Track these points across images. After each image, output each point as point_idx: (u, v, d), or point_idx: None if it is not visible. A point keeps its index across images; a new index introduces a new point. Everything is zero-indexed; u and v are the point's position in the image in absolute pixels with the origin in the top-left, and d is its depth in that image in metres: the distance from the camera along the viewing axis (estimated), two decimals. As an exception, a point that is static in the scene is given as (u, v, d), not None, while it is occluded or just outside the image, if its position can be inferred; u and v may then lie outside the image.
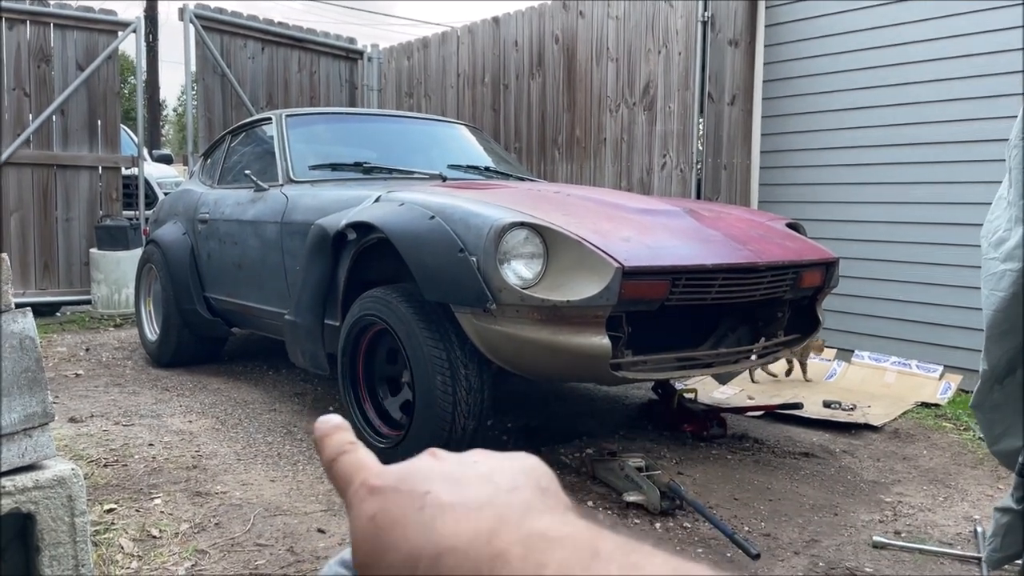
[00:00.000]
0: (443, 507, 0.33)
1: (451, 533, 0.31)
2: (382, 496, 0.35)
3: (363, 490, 0.37)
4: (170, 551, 2.26)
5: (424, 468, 0.36)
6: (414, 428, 2.81)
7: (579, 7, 6.02)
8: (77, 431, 3.37)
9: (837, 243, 4.18)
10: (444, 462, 0.36)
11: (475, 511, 0.32)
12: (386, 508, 0.34)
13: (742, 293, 2.87)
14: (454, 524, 0.32)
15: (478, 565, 0.30)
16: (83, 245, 6.48)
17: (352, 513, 0.36)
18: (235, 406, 3.83)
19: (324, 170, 4.01)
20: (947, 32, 4.27)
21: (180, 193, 5.08)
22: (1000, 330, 1.61)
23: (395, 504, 0.34)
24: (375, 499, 0.35)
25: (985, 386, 1.74)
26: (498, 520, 0.31)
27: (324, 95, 7.71)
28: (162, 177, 8.46)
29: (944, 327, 4.31)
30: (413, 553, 0.32)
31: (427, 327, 2.77)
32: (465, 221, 2.66)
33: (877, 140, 4.59)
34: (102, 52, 6.44)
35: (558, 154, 6.22)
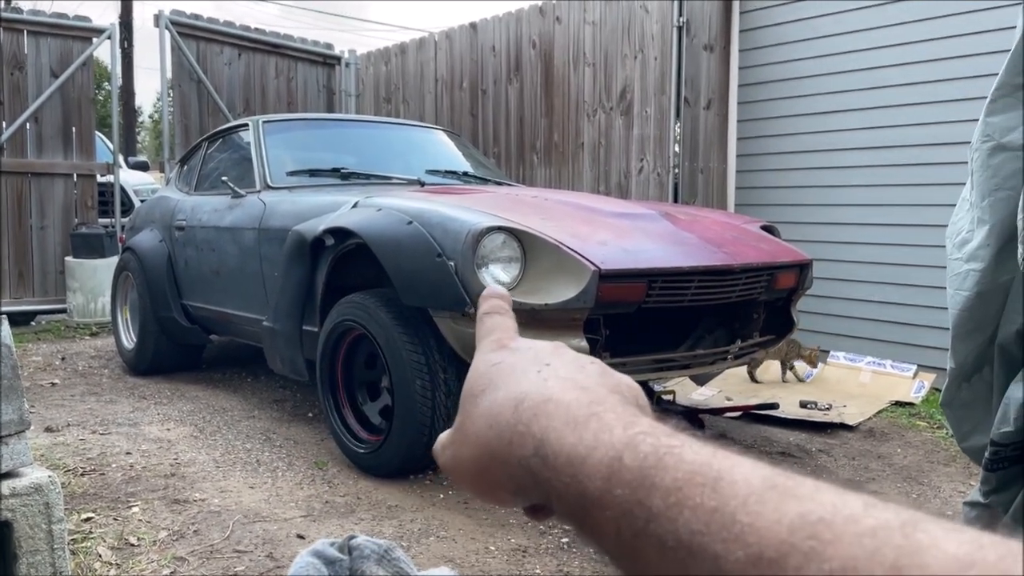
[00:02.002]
0: (556, 377, 0.38)
1: (560, 390, 0.37)
2: (509, 352, 0.42)
3: (496, 344, 0.43)
4: (148, 559, 2.25)
5: (548, 349, 0.42)
6: (394, 432, 2.81)
7: (556, 12, 6.05)
8: (54, 440, 3.34)
9: (812, 245, 4.24)
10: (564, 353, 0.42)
11: (582, 389, 0.37)
12: (510, 361, 0.41)
13: (718, 295, 2.90)
14: (562, 389, 0.37)
15: (576, 415, 0.35)
16: (58, 253, 6.41)
17: (478, 356, 0.43)
18: (213, 413, 3.81)
19: (302, 176, 4.00)
20: (918, 37, 4.35)
21: (156, 200, 5.05)
22: (966, 329, 1.65)
23: (518, 360, 0.41)
24: (503, 352, 0.42)
25: (953, 384, 1.78)
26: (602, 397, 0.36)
27: (302, 101, 7.69)
28: (138, 184, 8.40)
29: (918, 327, 4.37)
30: (521, 393, 0.37)
31: (406, 332, 2.78)
32: (443, 226, 2.68)
33: (851, 143, 4.66)
34: (76, 59, 6.39)
35: (536, 159, 6.24)
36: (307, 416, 3.79)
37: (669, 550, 0.28)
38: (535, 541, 2.42)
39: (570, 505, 0.33)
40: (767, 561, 0.26)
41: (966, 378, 1.74)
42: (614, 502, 0.31)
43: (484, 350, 0.43)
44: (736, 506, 0.27)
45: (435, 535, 2.44)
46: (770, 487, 0.28)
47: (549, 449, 0.34)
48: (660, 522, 0.29)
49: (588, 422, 0.34)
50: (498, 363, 0.41)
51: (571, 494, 0.33)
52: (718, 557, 0.27)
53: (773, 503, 0.27)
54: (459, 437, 0.40)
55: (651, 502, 0.29)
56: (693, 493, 0.29)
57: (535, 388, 0.37)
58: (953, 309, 1.64)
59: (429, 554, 2.31)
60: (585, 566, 2.27)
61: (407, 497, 2.75)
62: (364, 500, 2.73)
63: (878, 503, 0.26)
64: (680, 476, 0.29)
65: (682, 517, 0.28)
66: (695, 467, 0.30)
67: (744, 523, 0.27)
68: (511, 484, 0.37)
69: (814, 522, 0.26)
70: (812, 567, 0.25)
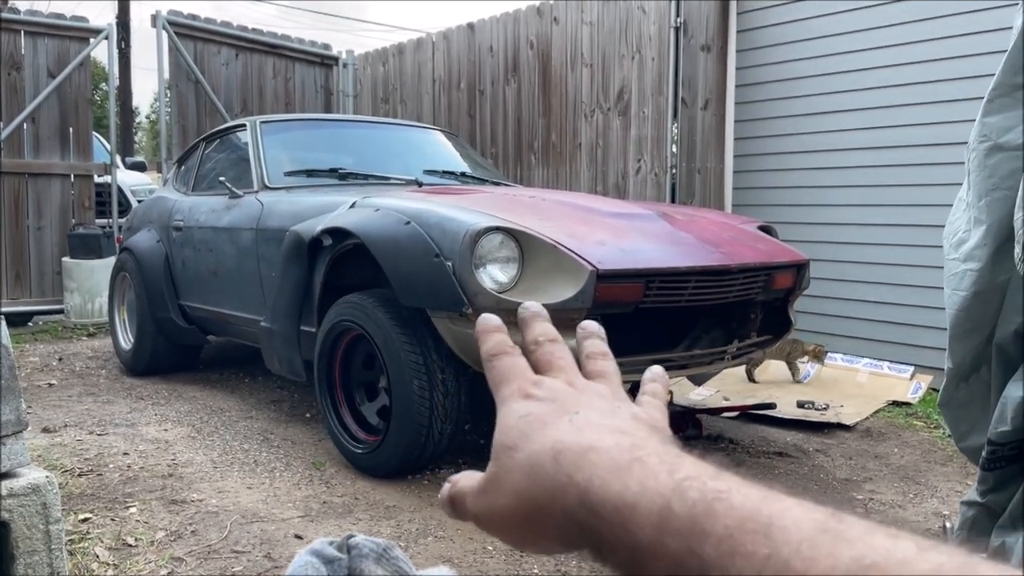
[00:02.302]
0: (590, 424, 0.38)
1: (597, 439, 0.37)
2: (536, 402, 0.41)
3: (519, 393, 0.42)
4: (146, 559, 2.25)
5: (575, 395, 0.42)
6: (391, 433, 2.81)
7: (553, 13, 6.06)
8: (51, 441, 3.34)
9: (809, 245, 4.24)
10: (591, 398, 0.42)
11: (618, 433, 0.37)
12: (539, 413, 0.40)
13: (715, 295, 2.90)
14: (599, 436, 0.37)
15: (618, 461, 0.35)
16: (55, 254, 6.41)
17: (503, 408, 0.42)
18: (211, 414, 3.81)
19: (299, 176, 4.00)
20: (915, 37, 4.35)
21: (154, 200, 5.05)
22: (963, 329, 1.65)
23: (548, 412, 0.40)
24: (529, 403, 0.41)
25: (951, 384, 1.78)
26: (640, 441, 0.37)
27: (299, 101, 7.69)
28: (135, 184, 8.39)
29: (915, 327, 4.38)
30: (559, 443, 0.37)
31: (404, 332, 2.78)
32: (440, 226, 2.68)
33: (848, 144, 4.66)
34: (74, 59, 6.38)
35: (534, 159, 6.25)
36: (305, 416, 3.79)
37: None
38: (533, 541, 2.42)
39: (621, 554, 0.33)
40: None
41: (964, 378, 1.75)
42: (666, 552, 0.31)
43: (507, 400, 0.42)
44: (789, 553, 0.28)
45: (433, 535, 2.44)
46: (822, 531, 0.28)
47: (595, 498, 0.34)
48: (713, 570, 0.29)
49: (631, 468, 0.34)
50: (526, 415, 0.40)
51: (622, 544, 0.33)
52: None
53: (826, 548, 0.27)
54: (494, 487, 0.40)
55: (703, 551, 0.30)
56: (745, 540, 0.29)
57: (572, 438, 0.37)
58: (950, 309, 1.64)
59: (427, 554, 2.31)
60: (583, 566, 2.27)
61: (405, 497, 2.75)
62: (362, 500, 2.72)
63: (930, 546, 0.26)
64: (731, 523, 0.30)
65: (735, 565, 0.28)
66: (746, 513, 0.30)
67: (798, 570, 0.27)
68: (556, 535, 0.37)
69: (867, 566, 0.26)
70: None
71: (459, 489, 0.43)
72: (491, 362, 0.45)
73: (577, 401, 0.41)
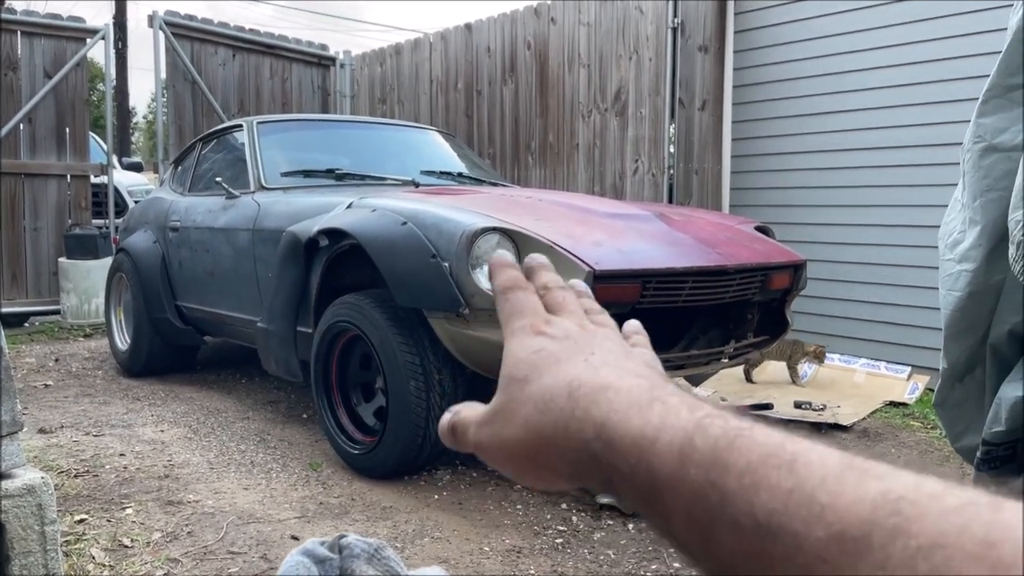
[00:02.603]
0: (607, 365, 0.38)
1: (615, 378, 0.37)
2: (549, 339, 0.41)
3: (532, 328, 0.42)
4: (142, 560, 2.24)
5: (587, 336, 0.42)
6: (388, 434, 2.81)
7: (551, 13, 6.06)
8: (47, 442, 3.33)
9: (806, 245, 4.25)
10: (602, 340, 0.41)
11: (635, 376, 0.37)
12: (552, 349, 0.40)
13: (712, 295, 2.91)
14: (617, 377, 0.37)
15: (638, 400, 0.35)
16: (52, 254, 6.40)
17: (514, 340, 0.42)
18: (208, 415, 3.81)
19: (296, 177, 4.00)
20: (913, 38, 4.36)
21: (151, 201, 5.04)
22: (958, 329, 1.65)
23: (561, 349, 0.40)
24: (542, 339, 0.41)
25: (946, 384, 1.78)
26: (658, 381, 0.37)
27: (296, 102, 7.68)
28: (132, 185, 8.38)
29: (912, 327, 4.38)
30: (575, 380, 0.37)
31: (400, 333, 2.78)
32: (437, 227, 2.68)
33: (846, 144, 4.67)
34: (70, 59, 6.37)
35: (531, 160, 6.25)
36: (301, 417, 3.79)
37: (745, 531, 0.28)
38: (529, 542, 2.43)
39: (637, 488, 0.33)
40: (850, 539, 0.25)
41: (958, 378, 1.75)
42: (686, 484, 0.30)
43: (518, 333, 0.42)
44: (814, 486, 0.27)
45: (430, 536, 2.44)
46: (847, 467, 0.28)
47: (613, 433, 0.34)
48: (735, 503, 0.29)
49: (652, 406, 0.34)
50: (539, 350, 0.40)
51: (639, 477, 0.32)
52: (798, 536, 0.27)
53: (852, 482, 0.27)
54: (501, 418, 0.40)
55: (725, 483, 0.29)
56: (769, 474, 0.28)
57: (588, 375, 0.37)
58: (945, 309, 1.64)
59: (423, 555, 2.31)
60: (579, 566, 2.27)
61: (401, 498, 2.75)
62: (358, 501, 2.72)
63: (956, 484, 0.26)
64: (754, 458, 0.29)
65: (758, 498, 0.28)
66: (769, 449, 0.30)
67: (823, 503, 0.27)
68: (566, 469, 0.37)
69: (896, 500, 0.26)
70: (898, 544, 0.24)
71: (462, 419, 0.42)
72: (505, 295, 0.45)
73: (591, 343, 0.41)
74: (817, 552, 0.26)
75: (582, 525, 2.56)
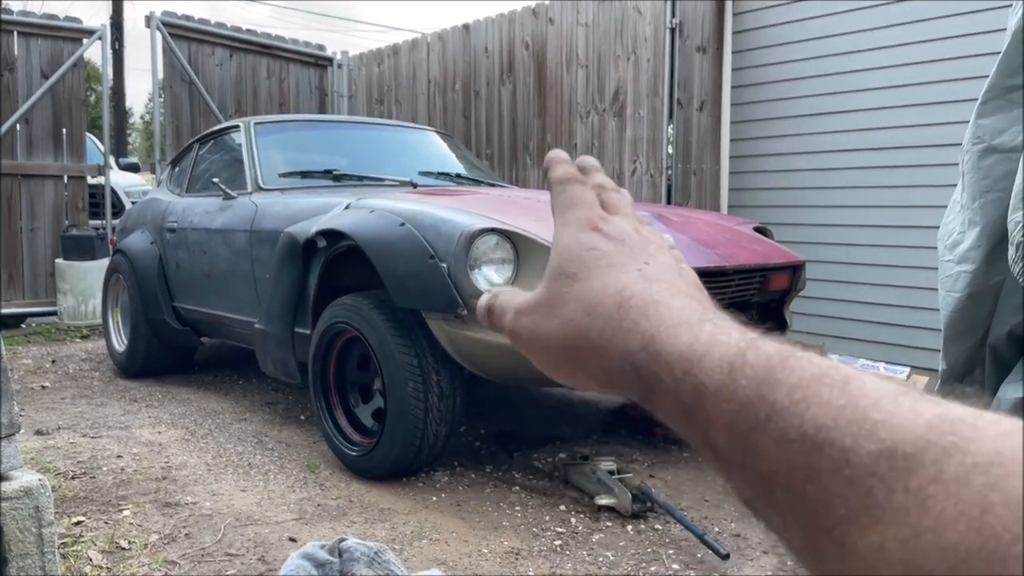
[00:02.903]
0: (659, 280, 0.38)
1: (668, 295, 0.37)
2: (604, 238, 0.40)
3: (587, 223, 0.41)
4: (139, 562, 2.24)
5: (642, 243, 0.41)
6: (386, 435, 2.80)
7: (549, 14, 6.06)
8: (44, 444, 3.32)
9: (805, 246, 4.25)
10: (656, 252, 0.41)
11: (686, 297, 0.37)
12: (607, 251, 0.40)
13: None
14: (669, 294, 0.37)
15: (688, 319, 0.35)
16: (49, 255, 6.38)
17: (567, 232, 0.41)
18: (205, 416, 3.80)
19: (293, 178, 3.99)
20: (911, 39, 4.36)
21: (148, 202, 5.03)
22: (957, 330, 1.65)
23: (616, 252, 0.40)
24: (596, 237, 0.40)
25: (945, 385, 1.78)
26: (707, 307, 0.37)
27: (294, 102, 7.68)
28: (129, 186, 8.36)
29: (912, 328, 4.38)
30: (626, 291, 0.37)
31: (398, 334, 2.77)
32: (435, 227, 2.67)
33: (844, 145, 4.67)
34: (67, 60, 6.36)
35: (529, 160, 6.24)
36: (299, 419, 3.78)
37: (791, 443, 0.28)
38: (528, 543, 2.42)
39: (680, 400, 0.32)
40: (902, 455, 0.25)
41: (958, 379, 1.75)
42: (735, 396, 0.30)
43: (572, 226, 0.41)
44: (868, 404, 0.27)
45: (428, 538, 2.44)
46: (902, 392, 0.27)
47: (661, 346, 0.34)
48: (783, 416, 0.28)
49: (703, 325, 0.34)
50: (593, 248, 0.40)
51: (684, 388, 0.32)
52: (847, 450, 0.26)
53: (907, 404, 0.27)
54: (544, 310, 0.39)
55: (775, 396, 0.29)
56: (821, 391, 0.28)
57: (640, 288, 0.37)
58: (945, 310, 1.64)
59: (422, 557, 2.30)
60: (578, 568, 2.27)
61: (399, 500, 2.75)
62: (356, 503, 2.72)
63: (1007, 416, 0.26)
64: (807, 375, 0.29)
65: (808, 412, 0.28)
66: (822, 369, 0.29)
67: (876, 419, 0.26)
68: (602, 374, 0.37)
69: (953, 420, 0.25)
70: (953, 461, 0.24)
71: (500, 302, 0.42)
72: (562, 185, 0.43)
73: (645, 250, 0.40)
74: (866, 466, 0.26)
75: (581, 527, 2.55)
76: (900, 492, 0.25)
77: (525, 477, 2.99)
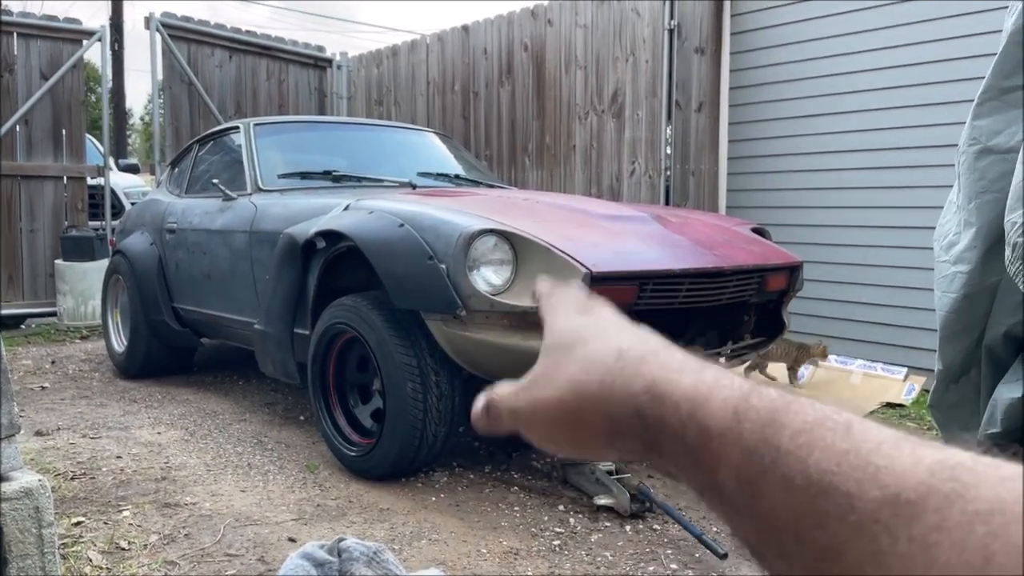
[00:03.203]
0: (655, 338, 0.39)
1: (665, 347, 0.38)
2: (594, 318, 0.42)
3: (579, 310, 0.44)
4: (139, 563, 2.24)
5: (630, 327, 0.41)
6: (385, 435, 2.81)
7: (547, 15, 6.07)
8: (44, 444, 3.33)
9: (803, 247, 4.25)
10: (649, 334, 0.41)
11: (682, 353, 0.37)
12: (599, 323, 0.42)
13: (709, 297, 2.91)
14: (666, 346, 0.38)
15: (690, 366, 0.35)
16: (48, 256, 6.39)
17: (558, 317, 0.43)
18: (204, 417, 3.80)
19: (293, 179, 4.00)
20: (908, 40, 4.37)
21: (147, 203, 5.04)
22: (953, 331, 1.66)
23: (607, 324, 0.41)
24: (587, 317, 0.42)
25: (941, 386, 1.79)
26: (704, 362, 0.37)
27: (293, 103, 7.68)
28: (129, 187, 8.37)
29: (909, 328, 4.39)
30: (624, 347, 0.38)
31: (397, 334, 2.78)
32: (434, 228, 2.68)
33: (842, 146, 4.68)
34: (67, 61, 6.36)
35: (528, 161, 6.25)
36: (298, 419, 3.78)
37: (797, 488, 0.28)
38: (527, 543, 2.43)
39: (686, 442, 0.33)
40: (905, 501, 0.25)
41: (954, 380, 1.76)
42: (739, 439, 0.31)
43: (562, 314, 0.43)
44: (870, 449, 0.27)
45: (427, 538, 2.44)
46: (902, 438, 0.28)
47: (664, 387, 0.34)
48: (788, 461, 0.29)
49: (704, 370, 0.34)
50: (585, 324, 0.41)
51: (689, 431, 0.32)
52: (851, 496, 0.27)
53: (908, 449, 0.27)
54: (543, 381, 0.40)
55: (779, 440, 0.29)
56: (824, 435, 0.29)
57: (637, 342, 0.38)
58: (940, 311, 1.65)
59: (421, 557, 2.31)
60: (577, 568, 2.27)
61: (399, 500, 2.75)
62: (355, 503, 2.72)
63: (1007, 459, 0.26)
64: (810, 419, 0.30)
65: (812, 457, 0.28)
66: (824, 413, 0.30)
67: (879, 464, 0.27)
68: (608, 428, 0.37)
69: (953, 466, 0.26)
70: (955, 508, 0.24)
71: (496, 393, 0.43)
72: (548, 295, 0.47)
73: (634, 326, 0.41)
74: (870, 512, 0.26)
75: (579, 527, 2.56)
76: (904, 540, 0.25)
77: (524, 477, 2.99)
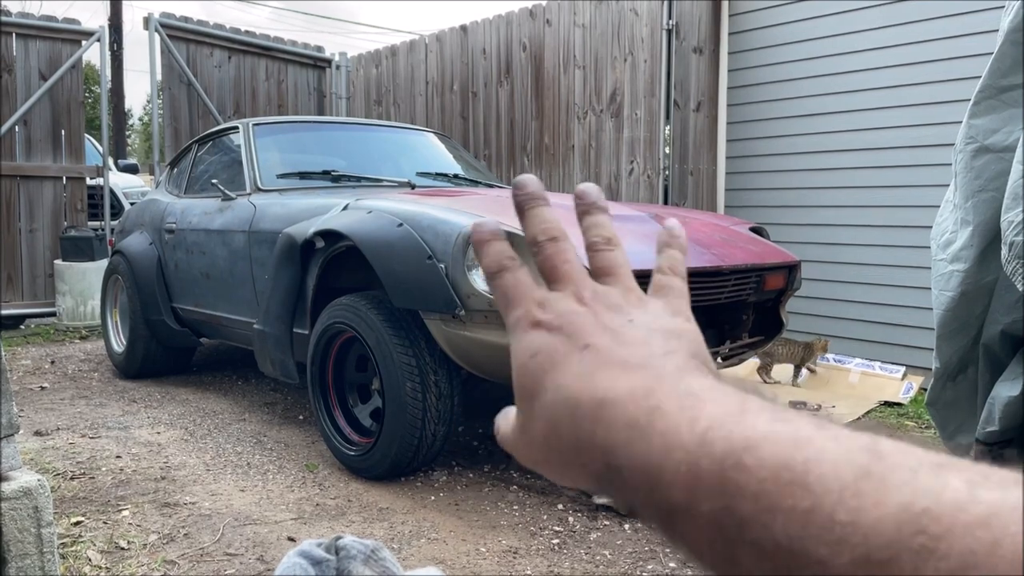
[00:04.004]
0: (602, 362, 0.35)
1: (609, 387, 0.34)
2: (543, 333, 0.38)
3: (526, 321, 0.39)
4: (139, 562, 2.24)
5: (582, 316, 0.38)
6: (384, 435, 2.81)
7: (546, 15, 6.07)
8: (43, 444, 3.33)
9: (801, 246, 4.26)
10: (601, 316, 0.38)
11: (632, 371, 0.34)
12: (546, 349, 0.37)
13: (707, 296, 2.92)
14: (612, 380, 0.34)
15: (636, 417, 0.32)
16: (47, 256, 6.39)
17: (513, 341, 0.39)
18: (204, 416, 3.81)
19: (292, 179, 4.00)
20: (906, 39, 4.37)
21: (146, 203, 5.04)
22: (950, 329, 1.66)
23: (555, 346, 0.37)
24: (536, 335, 0.38)
25: (938, 384, 1.80)
26: (655, 380, 0.34)
27: (292, 104, 7.68)
28: (128, 187, 8.37)
29: (907, 327, 4.40)
30: (572, 398, 0.35)
31: (396, 334, 2.78)
32: (433, 228, 2.68)
33: (840, 145, 4.69)
34: (66, 61, 6.37)
35: (527, 161, 6.25)
36: (298, 419, 3.79)
37: (769, 555, 0.27)
38: (526, 542, 2.43)
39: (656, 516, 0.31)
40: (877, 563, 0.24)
41: (951, 378, 1.76)
42: (701, 513, 0.29)
43: (515, 331, 0.39)
44: (832, 504, 0.26)
45: (426, 537, 2.45)
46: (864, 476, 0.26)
47: (621, 462, 0.32)
48: (754, 528, 0.27)
49: (652, 423, 0.32)
50: (535, 353, 0.37)
51: (655, 505, 0.31)
52: (823, 562, 0.25)
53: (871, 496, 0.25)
54: (526, 430, 0.38)
55: (740, 508, 0.28)
56: (784, 494, 0.27)
57: (582, 386, 0.35)
58: (938, 309, 1.66)
59: (420, 555, 2.31)
60: (576, 567, 2.28)
61: (398, 499, 2.76)
62: (355, 502, 2.73)
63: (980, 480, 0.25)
64: (766, 475, 0.28)
65: (776, 522, 0.27)
66: (779, 462, 0.28)
67: (844, 522, 0.25)
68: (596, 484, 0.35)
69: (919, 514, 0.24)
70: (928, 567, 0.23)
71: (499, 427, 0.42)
72: (493, 281, 0.42)
73: (584, 326, 0.37)
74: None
75: (578, 526, 2.56)
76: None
77: (523, 476, 3.00)
